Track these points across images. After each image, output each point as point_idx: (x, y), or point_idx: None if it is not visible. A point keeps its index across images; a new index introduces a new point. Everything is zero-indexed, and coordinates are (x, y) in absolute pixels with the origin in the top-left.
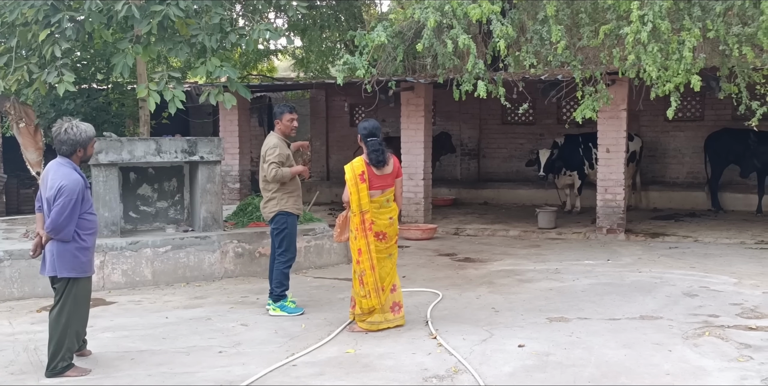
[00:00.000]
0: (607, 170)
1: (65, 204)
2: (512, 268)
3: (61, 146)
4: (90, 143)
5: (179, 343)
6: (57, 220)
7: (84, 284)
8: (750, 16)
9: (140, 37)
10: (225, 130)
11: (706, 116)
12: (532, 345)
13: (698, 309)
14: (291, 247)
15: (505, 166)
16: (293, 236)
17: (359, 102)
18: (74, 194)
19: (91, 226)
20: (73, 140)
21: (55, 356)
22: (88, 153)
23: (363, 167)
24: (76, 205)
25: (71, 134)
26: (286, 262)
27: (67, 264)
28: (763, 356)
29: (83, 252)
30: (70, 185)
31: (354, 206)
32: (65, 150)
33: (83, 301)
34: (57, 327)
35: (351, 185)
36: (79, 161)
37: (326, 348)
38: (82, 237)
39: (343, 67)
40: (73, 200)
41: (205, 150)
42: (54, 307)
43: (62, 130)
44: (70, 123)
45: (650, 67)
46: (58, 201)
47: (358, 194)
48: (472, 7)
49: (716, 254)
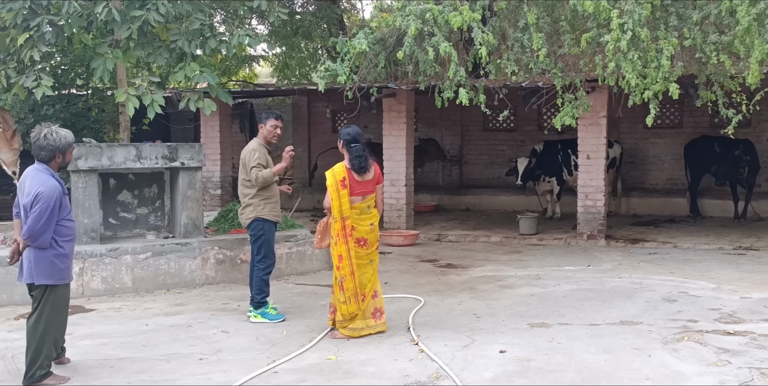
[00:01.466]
0: (588, 177)
1: (42, 211)
2: (494, 274)
3: (39, 151)
4: (69, 149)
5: (159, 350)
6: (34, 227)
7: (62, 292)
8: (726, 24)
9: (120, 41)
10: (206, 136)
11: (684, 123)
12: (513, 351)
13: (677, 314)
14: (269, 254)
15: (487, 172)
16: (271, 242)
17: (341, 108)
18: (51, 201)
19: (69, 233)
20: (52, 146)
21: (32, 364)
22: (66, 159)
23: (344, 173)
24: (53, 212)
25: (50, 140)
26: (264, 269)
27: (44, 271)
28: (741, 360)
29: (61, 259)
30: (47, 191)
31: (335, 211)
32: (44, 156)
33: (61, 308)
34: (35, 335)
35: (332, 191)
36: (57, 167)
37: (308, 354)
38: (60, 244)
39: (324, 74)
40: (50, 206)
41: (186, 156)
42: (32, 315)
43: (41, 135)
44: (49, 129)
45: (629, 75)
46: (35, 208)
47: (339, 200)
48: (453, 15)
49: (695, 259)
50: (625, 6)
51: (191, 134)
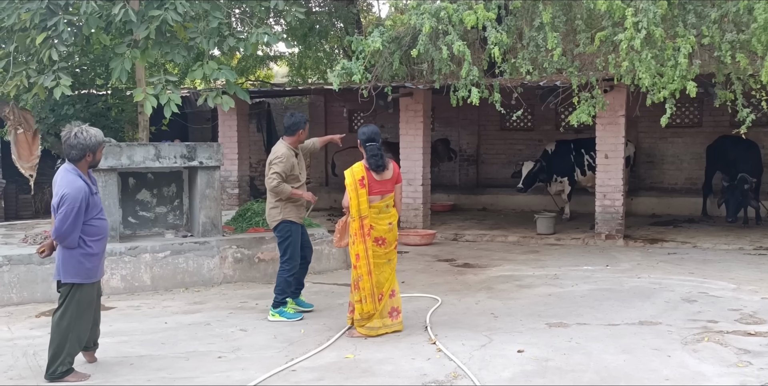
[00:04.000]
0: (606, 176)
1: (67, 213)
2: (511, 274)
3: (70, 150)
4: (99, 147)
5: (178, 348)
6: (60, 228)
7: (87, 291)
8: (744, 22)
9: (138, 41)
10: (224, 135)
11: (704, 122)
12: (531, 351)
13: (697, 315)
14: (295, 255)
15: (504, 172)
16: (297, 244)
17: (358, 108)
18: (76, 203)
19: (98, 232)
20: (82, 145)
21: (54, 360)
22: (97, 158)
23: (363, 172)
24: (79, 213)
25: (81, 139)
26: (289, 270)
27: (71, 270)
28: (762, 361)
29: (88, 258)
30: (72, 193)
31: (353, 211)
32: (74, 155)
33: (86, 307)
34: (58, 332)
35: (351, 190)
36: (87, 166)
37: (325, 353)
38: (88, 243)
39: (340, 73)
40: (74, 208)
41: (204, 155)
42: (57, 311)
43: (72, 134)
44: (79, 128)
45: (643, 75)
46: (61, 210)
47: (358, 199)
48: (468, 14)
49: (715, 259)
50: (639, 4)
51: (209, 133)
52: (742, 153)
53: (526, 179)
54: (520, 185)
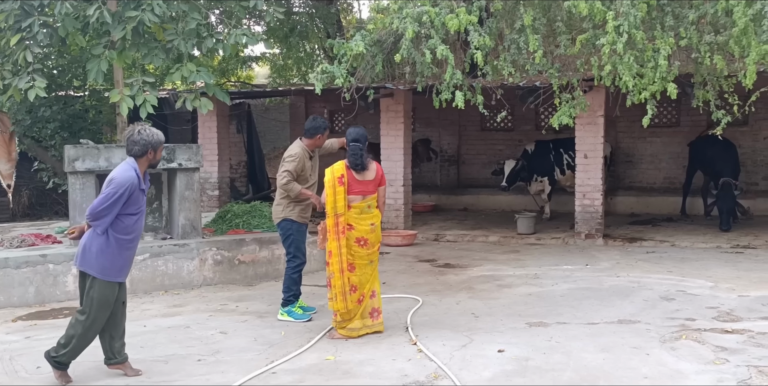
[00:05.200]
0: (585, 176)
1: (109, 194)
2: (492, 273)
3: (133, 146)
4: (160, 146)
5: (157, 352)
6: (97, 206)
7: (103, 288)
8: (722, 24)
9: (115, 42)
10: (204, 137)
11: (682, 122)
12: (511, 350)
13: (675, 313)
14: (298, 253)
15: (485, 172)
16: (300, 242)
17: (338, 109)
18: (121, 188)
19: (128, 231)
20: (145, 141)
21: (60, 348)
22: (157, 157)
23: (343, 171)
24: (119, 199)
25: (144, 135)
26: (294, 268)
27: (87, 257)
28: (739, 358)
29: (105, 254)
30: (120, 179)
31: (328, 207)
32: (137, 150)
33: (99, 307)
34: (71, 324)
35: (328, 187)
36: (148, 163)
37: (306, 355)
38: (114, 239)
39: (321, 76)
40: (117, 193)
41: (184, 157)
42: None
43: (135, 131)
44: (142, 126)
45: (626, 77)
46: (105, 190)
47: (334, 197)
48: (450, 18)
49: (693, 258)
50: (620, 8)
51: (189, 135)
52: (722, 153)
53: (509, 177)
54: (504, 184)
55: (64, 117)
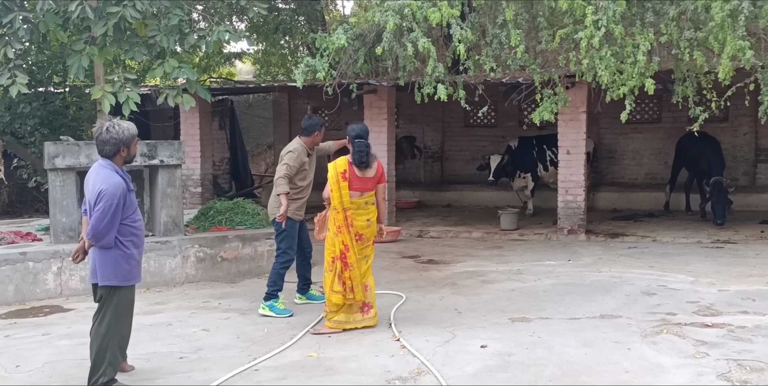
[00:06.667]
0: (568, 172)
1: (105, 210)
2: (475, 269)
3: (103, 146)
4: (133, 141)
5: (139, 350)
6: (97, 226)
7: (126, 294)
8: (702, 20)
9: (96, 38)
10: (186, 133)
11: (663, 118)
12: (494, 346)
13: (656, 308)
14: (289, 250)
15: (468, 168)
16: (292, 239)
17: (322, 105)
18: (114, 199)
19: (134, 232)
20: (116, 139)
21: (95, 370)
22: (132, 152)
23: (345, 166)
24: (117, 210)
25: (114, 133)
26: (282, 263)
27: (108, 272)
28: (718, 352)
29: (126, 259)
30: (110, 189)
31: (336, 203)
32: (108, 151)
33: (125, 312)
34: (97, 339)
35: (332, 182)
36: (122, 161)
37: (289, 352)
38: (124, 243)
39: (304, 70)
40: (113, 205)
41: (165, 154)
42: (96, 317)
43: (104, 129)
44: (111, 122)
45: (602, 72)
46: (98, 206)
47: (340, 192)
48: (432, 11)
49: (674, 253)
50: (600, 3)
51: (171, 131)
52: (708, 150)
53: (495, 171)
54: (491, 178)
55: (44, 113)
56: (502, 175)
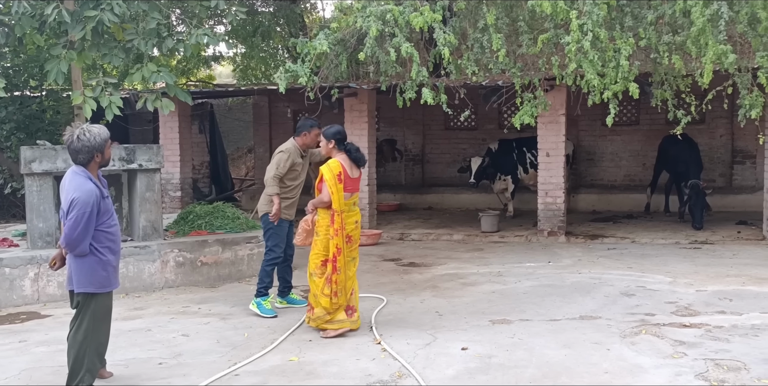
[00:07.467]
0: (548, 174)
1: (78, 218)
2: (456, 272)
3: (77, 155)
4: (107, 145)
5: (117, 356)
6: (71, 235)
7: (103, 300)
8: (680, 24)
9: (74, 42)
10: (165, 137)
11: (641, 120)
12: (474, 348)
13: (635, 308)
14: (275, 247)
15: (449, 171)
16: (278, 237)
17: (302, 108)
18: (87, 207)
19: (111, 238)
20: (88, 147)
21: (73, 376)
22: (106, 157)
23: (339, 168)
24: (90, 218)
25: (85, 140)
26: (269, 260)
27: (84, 279)
28: (696, 352)
29: (103, 266)
30: (83, 197)
31: (336, 205)
32: (82, 159)
33: (102, 318)
34: (74, 345)
35: (331, 185)
36: (98, 167)
37: (269, 356)
38: (100, 250)
39: (285, 75)
40: (86, 213)
41: (144, 158)
42: (73, 324)
43: (74, 137)
44: (80, 128)
45: (590, 76)
46: (71, 215)
47: (338, 194)
48: (415, 16)
49: (652, 254)
50: (583, 7)
51: (150, 135)
52: (688, 152)
53: (476, 173)
54: (472, 180)
55: (20, 118)
56: (482, 177)
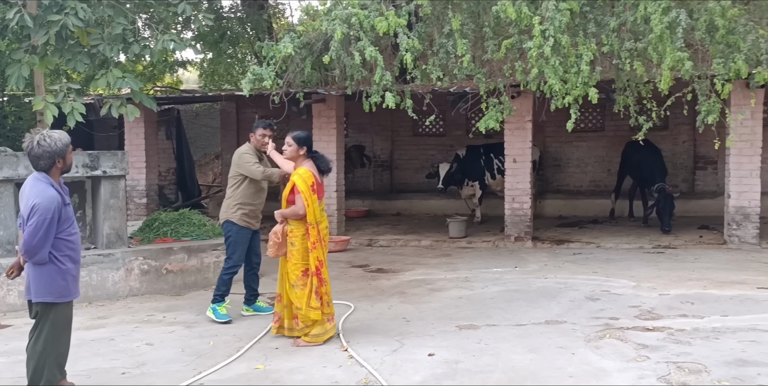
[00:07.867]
0: (514, 180)
1: (38, 225)
2: (424, 278)
3: (38, 161)
4: (68, 150)
5: (79, 366)
6: (30, 241)
7: (63, 310)
8: (642, 31)
9: (37, 47)
10: (131, 143)
11: (606, 126)
12: (441, 354)
13: (600, 313)
14: (233, 255)
15: (418, 177)
16: (238, 245)
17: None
18: (48, 214)
19: (71, 246)
20: (49, 152)
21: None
22: (68, 162)
23: (312, 179)
24: (51, 225)
25: (46, 146)
26: (227, 269)
27: (42, 288)
28: (659, 355)
29: (62, 275)
30: (44, 203)
31: (311, 218)
32: (44, 165)
33: (63, 328)
34: (33, 356)
35: (307, 196)
36: (60, 173)
37: (235, 365)
38: (60, 259)
39: (250, 78)
40: (47, 219)
41: (108, 164)
42: (32, 335)
43: (35, 143)
44: (41, 135)
45: (552, 81)
46: (31, 221)
47: (313, 206)
48: (379, 20)
49: (617, 259)
50: (546, 13)
51: (116, 141)
52: (651, 158)
53: (444, 179)
54: (440, 186)
55: None
56: (450, 183)
